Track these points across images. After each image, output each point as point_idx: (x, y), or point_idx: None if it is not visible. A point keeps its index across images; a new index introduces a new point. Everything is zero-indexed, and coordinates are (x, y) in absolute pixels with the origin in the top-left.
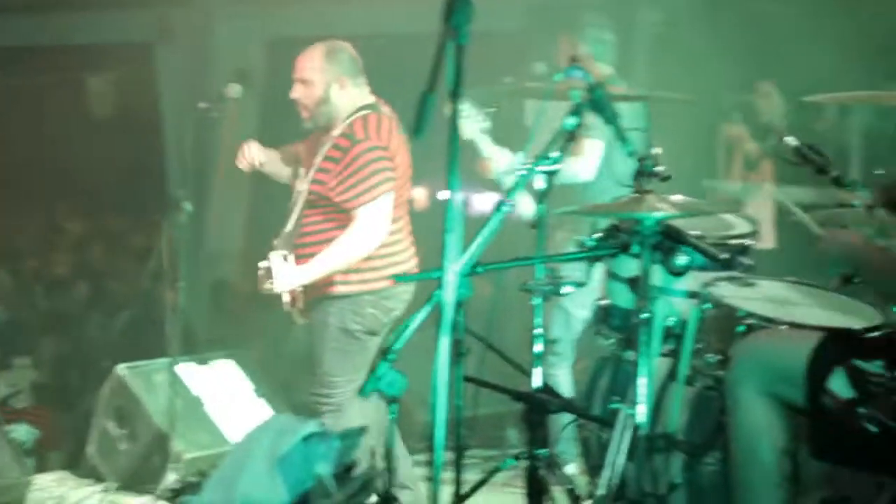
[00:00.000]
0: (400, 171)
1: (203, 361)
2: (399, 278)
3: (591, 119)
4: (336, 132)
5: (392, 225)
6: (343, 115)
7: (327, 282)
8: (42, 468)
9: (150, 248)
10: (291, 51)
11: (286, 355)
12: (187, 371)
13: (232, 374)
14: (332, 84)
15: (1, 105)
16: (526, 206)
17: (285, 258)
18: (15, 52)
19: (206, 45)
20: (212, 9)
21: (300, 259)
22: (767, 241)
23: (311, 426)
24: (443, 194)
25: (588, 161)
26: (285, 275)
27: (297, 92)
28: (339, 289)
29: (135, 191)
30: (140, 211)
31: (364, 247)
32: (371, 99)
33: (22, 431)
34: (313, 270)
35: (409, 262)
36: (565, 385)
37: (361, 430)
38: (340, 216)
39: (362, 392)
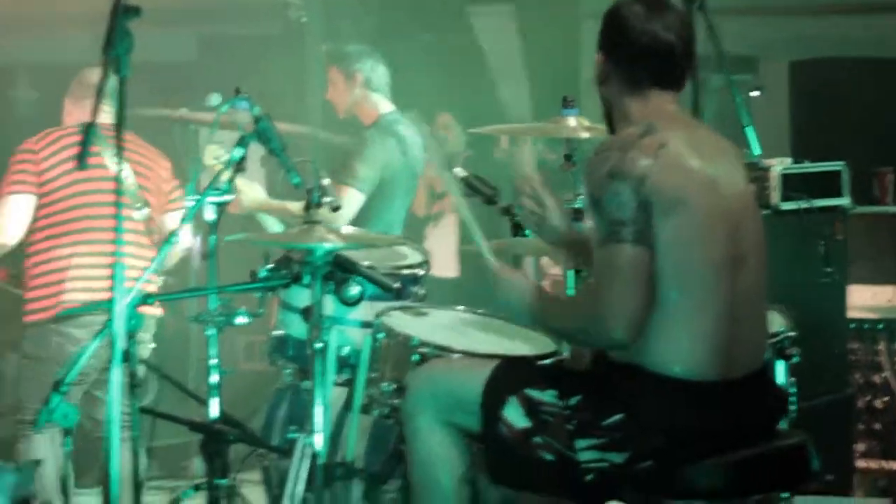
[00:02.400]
0: (69, 182)
1: None
2: (63, 313)
3: (359, 171)
4: None
5: (75, 247)
6: None
7: (23, 311)
8: None
9: None
10: None
11: None
12: None
13: None
14: (67, 102)
15: None
16: (187, 239)
17: None
18: None
19: None
20: None
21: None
22: (450, 270)
23: None
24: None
25: (346, 211)
26: None
27: None
28: (27, 318)
29: None
30: None
31: None
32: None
33: None
34: None
35: (102, 292)
36: None
37: (37, 463)
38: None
39: (36, 424)
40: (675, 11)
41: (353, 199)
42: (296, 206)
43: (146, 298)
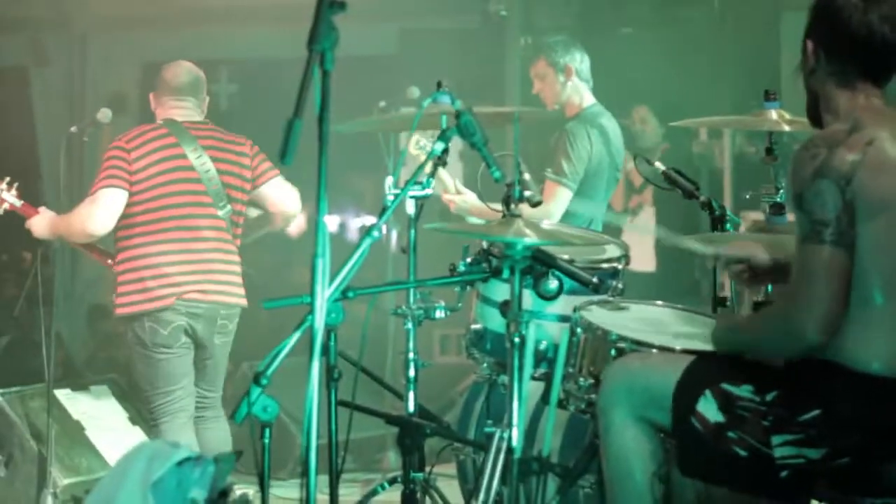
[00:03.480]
0: (157, 183)
1: (81, 387)
2: (267, 305)
3: (565, 166)
4: None
5: (163, 244)
6: None
7: (115, 304)
8: None
9: (26, 273)
10: None
11: None
12: (67, 396)
13: (107, 400)
14: (152, 97)
15: None
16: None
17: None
18: None
19: (80, 68)
20: (86, 32)
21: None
22: (648, 264)
23: (184, 451)
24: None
25: (557, 208)
26: None
27: None
28: (119, 311)
29: (9, 214)
30: (15, 234)
31: (74, 224)
32: (179, 117)
33: None
34: (42, 223)
35: (187, 285)
36: None
37: (237, 455)
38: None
39: (235, 417)
40: (889, 1)
41: (562, 197)
42: None
43: (346, 293)
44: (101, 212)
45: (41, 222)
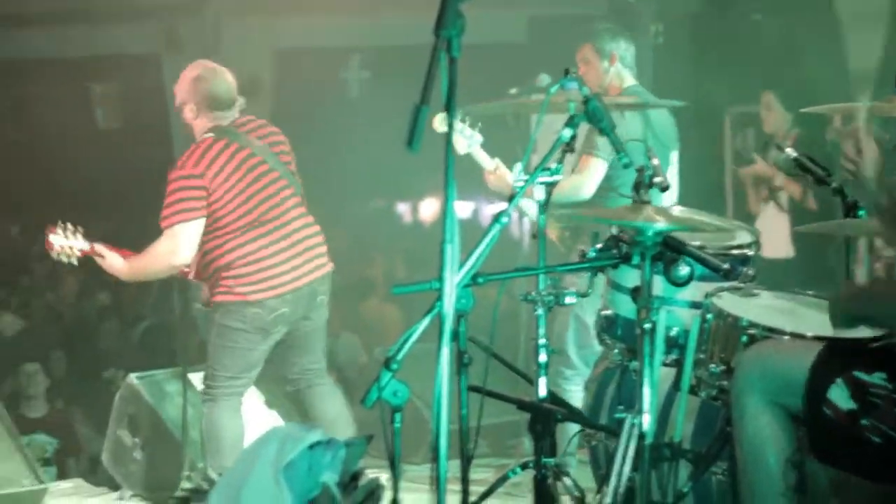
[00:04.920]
0: (242, 188)
1: None
2: (397, 290)
3: (598, 140)
4: None
5: (256, 242)
6: (196, 138)
7: (214, 293)
8: (62, 475)
9: None
10: (299, 61)
11: None
12: (202, 380)
13: None
14: (186, 105)
15: (16, 116)
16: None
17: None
18: (25, 65)
19: (213, 55)
20: (219, 20)
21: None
22: (783, 251)
23: (316, 434)
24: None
25: (590, 179)
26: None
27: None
28: (219, 298)
29: (147, 200)
30: (153, 219)
31: (156, 263)
32: (224, 122)
33: (41, 440)
34: (113, 265)
35: (293, 272)
36: (578, 400)
37: (368, 439)
38: None
39: (365, 402)
40: None
41: (595, 168)
42: None
43: (475, 279)
44: (182, 246)
45: (113, 264)
